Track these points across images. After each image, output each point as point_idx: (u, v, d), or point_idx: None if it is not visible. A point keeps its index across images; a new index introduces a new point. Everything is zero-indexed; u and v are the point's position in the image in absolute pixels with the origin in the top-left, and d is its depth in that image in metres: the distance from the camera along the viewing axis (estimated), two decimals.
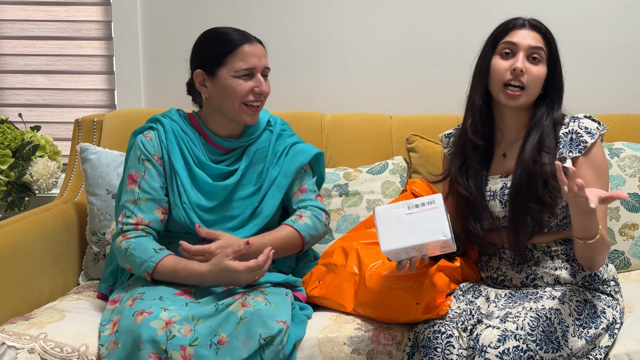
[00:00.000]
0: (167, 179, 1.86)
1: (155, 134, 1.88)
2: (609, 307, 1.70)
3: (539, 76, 1.73)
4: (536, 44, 1.72)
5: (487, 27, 2.50)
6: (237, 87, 1.82)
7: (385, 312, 1.73)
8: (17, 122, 2.58)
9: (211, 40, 1.87)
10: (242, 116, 1.86)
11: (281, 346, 1.60)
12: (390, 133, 2.38)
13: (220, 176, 1.90)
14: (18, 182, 2.42)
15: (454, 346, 1.59)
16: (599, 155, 1.74)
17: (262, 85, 1.85)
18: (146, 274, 1.76)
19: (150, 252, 1.77)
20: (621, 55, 2.51)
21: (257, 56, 1.84)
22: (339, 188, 2.23)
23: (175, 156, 1.86)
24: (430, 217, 1.55)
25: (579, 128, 1.74)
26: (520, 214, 1.71)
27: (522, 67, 1.70)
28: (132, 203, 1.82)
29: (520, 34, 1.73)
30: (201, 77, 1.86)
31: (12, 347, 1.66)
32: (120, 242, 1.80)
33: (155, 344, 1.57)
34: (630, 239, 2.12)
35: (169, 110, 1.95)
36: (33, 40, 2.71)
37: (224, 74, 1.82)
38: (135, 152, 1.86)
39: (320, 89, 2.60)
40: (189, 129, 1.91)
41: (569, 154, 1.72)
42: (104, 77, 2.72)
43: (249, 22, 2.56)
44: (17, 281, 1.90)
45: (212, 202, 1.87)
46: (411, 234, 1.54)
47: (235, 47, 1.82)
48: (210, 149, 1.91)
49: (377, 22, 2.56)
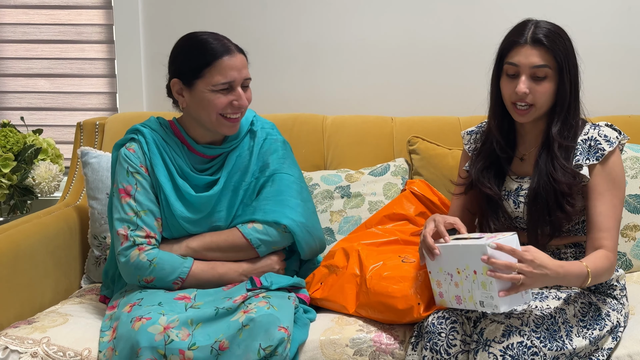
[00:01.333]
0: (156, 189, 1.83)
1: (138, 145, 1.83)
2: (614, 310, 1.70)
3: (545, 92, 1.69)
4: (538, 63, 1.67)
5: (489, 30, 2.50)
6: (214, 100, 1.76)
7: (387, 313, 1.73)
8: (19, 125, 2.59)
9: (189, 50, 1.79)
10: (221, 128, 1.81)
11: (285, 354, 1.60)
12: (391, 135, 2.38)
13: (204, 186, 1.86)
14: (20, 185, 2.43)
15: (457, 332, 1.59)
16: (615, 165, 1.71)
17: (241, 99, 1.78)
18: (178, 279, 1.78)
19: (178, 258, 1.79)
20: (622, 56, 2.51)
21: (236, 69, 1.77)
22: (341, 190, 2.24)
23: (158, 168, 1.82)
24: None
25: (599, 136, 1.71)
26: (539, 218, 1.71)
27: (524, 91, 1.67)
28: (133, 215, 1.79)
29: (522, 52, 1.69)
30: (178, 87, 1.80)
31: (15, 351, 1.66)
32: (137, 256, 1.77)
33: (154, 350, 1.57)
34: (632, 240, 2.12)
35: (149, 119, 1.90)
36: (35, 44, 2.72)
37: (201, 87, 1.76)
38: (122, 166, 1.82)
39: (321, 92, 2.60)
40: (171, 138, 1.85)
41: (586, 161, 1.70)
42: (106, 80, 2.72)
43: (251, 25, 2.58)
44: (20, 284, 1.90)
45: (197, 214, 1.84)
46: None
47: (214, 59, 1.75)
48: (192, 158, 1.87)
49: (378, 25, 2.57)
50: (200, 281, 1.80)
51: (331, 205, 2.22)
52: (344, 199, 2.23)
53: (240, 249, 1.85)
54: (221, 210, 1.86)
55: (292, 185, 1.90)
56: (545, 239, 1.73)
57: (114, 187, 1.85)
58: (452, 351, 1.58)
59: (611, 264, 1.66)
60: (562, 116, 1.72)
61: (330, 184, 2.24)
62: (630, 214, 2.13)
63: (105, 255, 2.16)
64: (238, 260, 1.86)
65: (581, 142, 1.72)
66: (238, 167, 1.88)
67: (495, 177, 1.79)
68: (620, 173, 1.72)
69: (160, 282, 1.78)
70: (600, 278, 1.65)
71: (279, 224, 1.85)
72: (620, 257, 2.13)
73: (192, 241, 1.84)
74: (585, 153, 1.71)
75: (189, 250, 1.83)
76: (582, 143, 1.72)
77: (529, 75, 1.69)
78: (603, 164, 1.70)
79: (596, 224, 1.68)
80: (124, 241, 1.78)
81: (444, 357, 1.58)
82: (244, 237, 1.84)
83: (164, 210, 1.83)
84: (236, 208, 1.88)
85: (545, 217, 1.70)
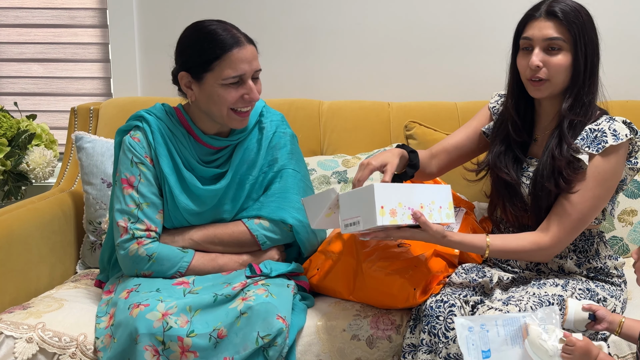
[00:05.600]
0: (160, 180, 1.81)
1: (143, 134, 1.79)
2: (612, 296, 1.70)
3: (561, 64, 1.65)
4: (552, 35, 1.65)
5: (486, 14, 2.50)
6: (225, 95, 1.71)
7: (383, 298, 1.73)
8: (12, 110, 2.57)
9: (197, 42, 1.72)
10: (231, 122, 1.77)
11: (284, 344, 1.59)
12: (388, 120, 2.37)
13: (211, 179, 1.84)
14: (14, 171, 2.41)
15: (455, 315, 1.59)
16: (611, 164, 1.64)
17: (252, 92, 1.73)
18: (177, 274, 1.77)
19: (178, 252, 1.78)
20: (620, 41, 2.49)
21: (247, 61, 1.71)
22: (338, 175, 2.23)
23: (163, 159, 1.78)
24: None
25: (608, 129, 1.65)
26: (541, 198, 1.68)
27: (537, 64, 1.65)
28: (135, 208, 1.76)
29: (535, 25, 1.66)
30: (186, 80, 1.74)
31: (10, 336, 1.66)
32: (137, 250, 1.75)
33: (152, 337, 1.56)
34: (629, 225, 2.12)
35: (154, 105, 1.84)
36: (28, 28, 2.69)
37: (211, 81, 1.71)
38: (127, 155, 1.78)
39: (317, 77, 2.59)
40: (177, 128, 1.81)
41: (585, 148, 1.64)
42: (100, 65, 2.70)
43: (245, 9, 2.55)
44: (14, 270, 1.90)
45: (202, 207, 1.82)
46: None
47: (224, 52, 1.69)
48: (199, 149, 1.83)
49: (375, 9, 2.55)
50: (199, 273, 1.79)
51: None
52: (341, 184, 2.22)
53: (244, 244, 1.83)
54: (226, 203, 1.84)
55: (300, 184, 1.89)
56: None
57: (116, 176, 1.81)
58: (450, 334, 1.58)
59: (536, 248, 1.65)
60: (574, 92, 1.67)
61: (327, 169, 2.24)
62: (627, 199, 2.12)
63: (100, 241, 2.15)
64: (238, 252, 1.85)
65: (589, 130, 1.67)
66: (245, 161, 1.86)
67: (513, 162, 1.76)
68: (610, 172, 1.65)
69: (159, 275, 1.77)
70: (510, 256, 1.69)
71: (285, 223, 1.83)
72: (617, 242, 2.13)
73: (195, 233, 1.82)
74: (587, 140, 1.66)
75: (192, 243, 1.82)
76: (589, 131, 1.67)
77: (542, 48, 1.66)
78: (603, 157, 1.64)
79: (556, 207, 1.66)
80: (124, 233, 1.76)
81: (442, 340, 1.58)
82: (251, 232, 1.82)
83: (168, 202, 1.80)
84: (242, 201, 1.86)
85: (546, 194, 1.67)
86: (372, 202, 1.49)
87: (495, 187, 1.80)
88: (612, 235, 2.13)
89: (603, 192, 1.67)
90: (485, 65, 2.45)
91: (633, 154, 1.70)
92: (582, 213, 1.65)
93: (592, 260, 1.75)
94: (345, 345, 1.69)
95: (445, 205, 1.61)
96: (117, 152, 1.84)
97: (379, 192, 1.50)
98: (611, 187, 1.68)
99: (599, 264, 1.75)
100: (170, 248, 1.78)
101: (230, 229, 1.83)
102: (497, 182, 1.78)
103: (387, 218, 1.50)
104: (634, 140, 1.68)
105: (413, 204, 1.55)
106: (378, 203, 1.49)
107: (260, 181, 1.87)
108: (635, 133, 1.67)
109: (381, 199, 1.50)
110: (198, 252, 1.81)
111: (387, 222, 1.51)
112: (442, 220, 1.60)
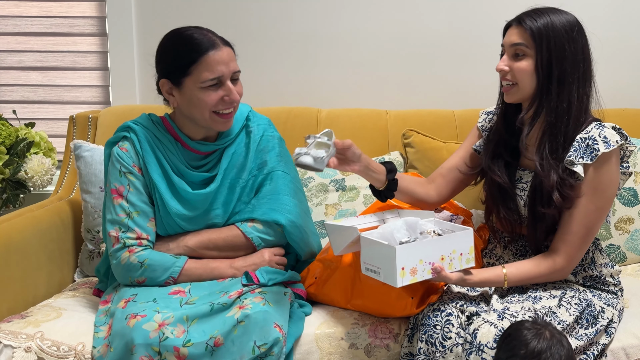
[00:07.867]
0: (150, 189, 1.82)
1: (130, 144, 1.80)
2: (609, 305, 1.70)
3: (523, 69, 1.68)
4: (516, 41, 1.69)
5: (483, 23, 2.51)
6: (204, 98, 1.72)
7: (381, 307, 1.73)
8: (11, 118, 2.57)
9: (173, 48, 1.75)
10: (215, 125, 1.78)
11: (281, 354, 1.60)
12: (386, 128, 2.38)
13: (200, 183, 1.85)
14: (13, 179, 2.41)
15: (452, 324, 1.60)
16: (606, 172, 1.65)
17: (231, 94, 1.74)
18: (170, 279, 1.77)
19: (170, 258, 1.78)
20: (617, 49, 2.51)
21: (224, 62, 1.72)
22: (336, 183, 2.23)
23: (151, 166, 1.80)
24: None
25: (598, 136, 1.65)
26: (538, 211, 1.69)
27: (501, 67, 1.71)
28: (125, 217, 1.77)
29: (508, 33, 1.72)
30: (167, 87, 1.76)
31: (9, 346, 1.66)
32: (128, 258, 1.76)
33: (148, 347, 1.56)
34: (626, 233, 2.13)
35: (140, 116, 1.86)
36: (27, 37, 2.69)
37: (190, 85, 1.72)
38: (115, 166, 1.79)
39: (316, 85, 2.59)
40: (164, 136, 1.82)
41: (579, 159, 1.65)
42: (99, 73, 2.70)
43: (243, 17, 2.56)
44: (12, 278, 1.90)
45: (194, 211, 1.83)
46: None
47: (200, 55, 1.70)
48: (187, 155, 1.84)
49: (373, 17, 2.56)
50: (192, 278, 1.79)
51: (326, 198, 2.21)
52: (339, 192, 2.22)
53: (239, 248, 1.84)
54: (217, 207, 1.85)
55: (290, 185, 1.90)
56: (542, 234, 1.72)
57: (106, 187, 1.83)
58: (448, 344, 1.58)
59: (552, 271, 1.67)
60: (539, 97, 1.68)
61: (325, 177, 2.24)
62: (624, 207, 2.13)
63: (98, 250, 2.16)
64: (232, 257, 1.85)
65: (580, 140, 1.67)
66: (234, 164, 1.87)
67: (504, 166, 1.78)
68: (607, 180, 1.66)
69: (152, 281, 1.77)
70: (529, 282, 1.69)
71: (278, 224, 1.84)
72: (614, 250, 2.13)
73: (190, 240, 1.83)
74: (580, 151, 1.66)
75: (186, 249, 1.82)
76: (580, 141, 1.67)
77: (510, 54, 1.71)
78: (597, 166, 1.65)
79: (561, 225, 1.68)
80: (115, 243, 1.77)
81: (440, 349, 1.58)
82: (245, 235, 1.83)
83: (159, 209, 1.81)
84: (233, 205, 1.86)
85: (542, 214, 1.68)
86: (394, 264, 1.53)
87: (490, 191, 1.82)
88: (609, 243, 2.13)
89: (604, 203, 1.68)
90: (483, 73, 2.46)
91: (625, 158, 1.71)
92: (587, 227, 1.67)
93: (587, 269, 1.75)
94: (343, 353, 1.69)
95: (466, 251, 1.63)
96: (107, 163, 1.85)
97: (401, 254, 1.53)
98: (611, 196, 1.69)
99: (594, 272, 1.75)
100: (162, 254, 1.79)
101: (225, 234, 1.84)
102: (492, 186, 1.80)
103: (407, 278, 1.55)
104: (625, 146, 1.70)
105: (434, 258, 1.59)
106: (399, 265, 1.53)
107: (251, 184, 1.88)
108: (625, 138, 1.68)
109: (402, 260, 1.54)
110: (192, 259, 1.81)
111: (407, 282, 1.55)
112: (461, 266, 1.63)
